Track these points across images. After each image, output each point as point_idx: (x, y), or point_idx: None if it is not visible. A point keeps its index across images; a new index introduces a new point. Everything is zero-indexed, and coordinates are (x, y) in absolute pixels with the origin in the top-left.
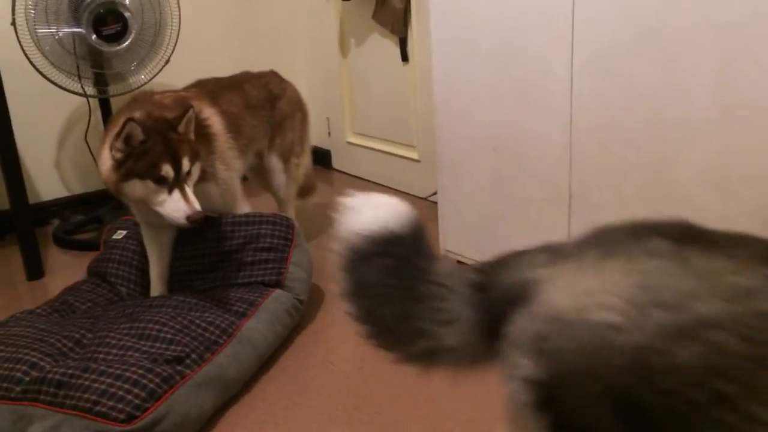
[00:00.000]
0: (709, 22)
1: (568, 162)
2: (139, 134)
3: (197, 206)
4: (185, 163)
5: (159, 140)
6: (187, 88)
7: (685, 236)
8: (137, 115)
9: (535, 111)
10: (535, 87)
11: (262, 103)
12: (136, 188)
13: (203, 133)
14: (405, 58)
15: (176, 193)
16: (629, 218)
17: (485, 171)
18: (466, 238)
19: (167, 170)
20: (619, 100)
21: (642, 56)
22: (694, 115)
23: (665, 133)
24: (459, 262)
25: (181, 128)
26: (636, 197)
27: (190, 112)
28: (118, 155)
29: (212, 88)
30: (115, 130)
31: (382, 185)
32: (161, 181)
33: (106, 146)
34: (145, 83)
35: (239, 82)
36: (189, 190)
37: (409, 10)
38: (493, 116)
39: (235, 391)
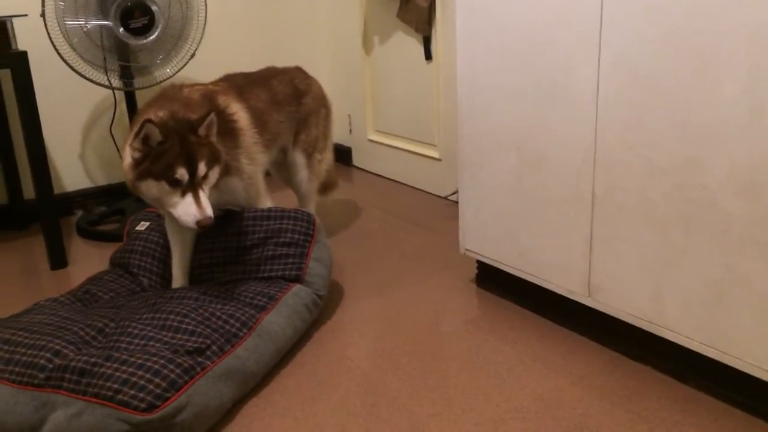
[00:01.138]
0: (740, 24)
1: (592, 163)
2: (157, 135)
3: (208, 212)
4: (201, 167)
5: (177, 142)
6: (215, 83)
7: None
8: (160, 114)
9: (560, 111)
10: (561, 87)
11: (288, 99)
12: (151, 188)
13: (229, 127)
14: (429, 56)
15: (189, 197)
16: (653, 221)
17: (507, 171)
18: (486, 238)
19: (182, 173)
20: (645, 101)
21: (670, 57)
22: (723, 118)
23: (693, 136)
24: (479, 261)
25: (201, 131)
26: (660, 200)
27: (212, 115)
28: (137, 154)
29: (240, 83)
30: (137, 128)
31: (403, 183)
32: (175, 184)
33: (128, 143)
34: (170, 77)
35: (266, 78)
36: (203, 195)
37: (434, 9)
38: (517, 116)
39: (253, 384)
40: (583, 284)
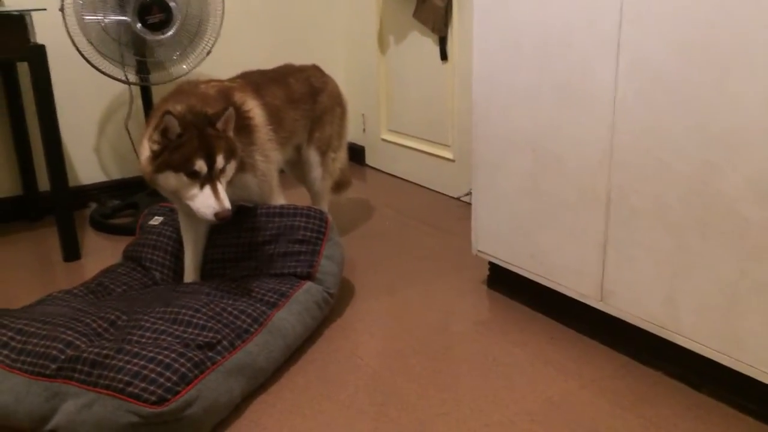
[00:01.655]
0: (764, 29)
1: (608, 166)
2: (176, 127)
3: (227, 204)
4: (219, 160)
5: (195, 135)
6: (232, 79)
7: None
8: (178, 108)
9: (577, 113)
10: (578, 89)
11: (304, 97)
12: (169, 180)
13: (245, 124)
14: (444, 56)
15: (207, 189)
16: (669, 225)
17: (522, 172)
18: (499, 240)
19: (201, 165)
20: (664, 104)
21: (691, 60)
22: (744, 124)
23: (712, 141)
24: (491, 263)
25: (219, 125)
26: (677, 205)
27: (230, 110)
28: (155, 147)
29: (257, 80)
30: (155, 121)
31: (416, 183)
32: (194, 176)
33: (146, 136)
34: (187, 73)
35: (283, 75)
36: (221, 187)
37: (451, 9)
38: (533, 117)
39: (263, 380)
40: (596, 288)
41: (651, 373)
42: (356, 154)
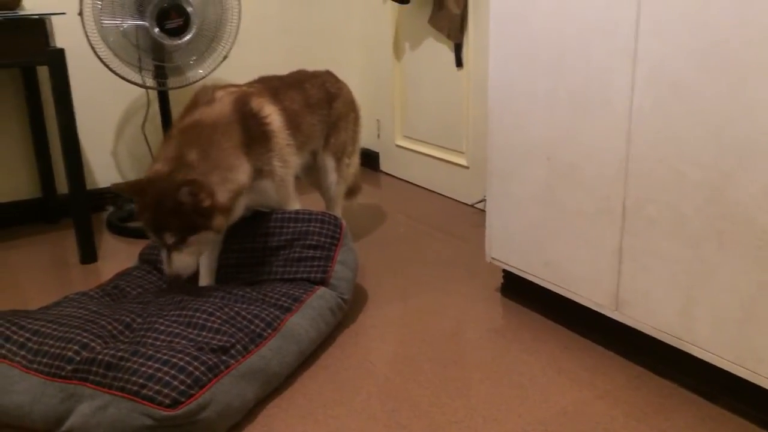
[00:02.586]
0: None
1: (624, 175)
2: (125, 194)
3: (176, 271)
4: (167, 237)
5: (150, 205)
6: (249, 84)
7: None
8: (157, 167)
9: (593, 122)
10: (594, 97)
11: (320, 103)
12: None
13: (263, 130)
14: (459, 63)
15: (164, 253)
16: (685, 236)
17: (537, 180)
18: (513, 247)
19: (152, 236)
20: (681, 114)
21: (708, 69)
22: (761, 133)
23: (729, 151)
24: (505, 271)
25: (183, 197)
26: (693, 215)
27: (196, 185)
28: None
29: (274, 85)
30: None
31: (429, 190)
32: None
33: None
34: (203, 77)
35: (300, 81)
36: (177, 255)
37: (466, 16)
38: (548, 126)
39: (276, 385)
40: (611, 297)
41: (666, 384)
42: (371, 159)
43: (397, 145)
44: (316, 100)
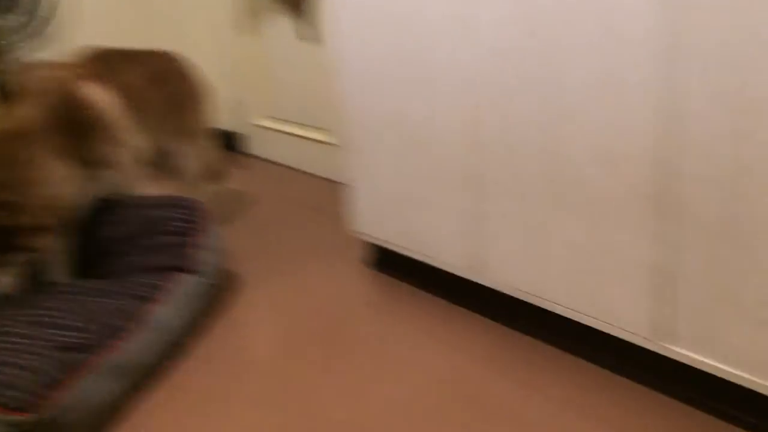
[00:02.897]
0: None
1: (471, 141)
2: None
3: None
4: None
5: None
6: (79, 63)
7: None
8: None
9: (433, 94)
10: (433, 63)
11: (160, 82)
12: None
13: (91, 118)
14: (308, 37)
15: None
16: (524, 198)
17: (391, 151)
18: (378, 221)
19: None
20: (516, 81)
21: (533, 34)
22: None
23: (560, 119)
24: (374, 245)
25: None
26: (535, 182)
27: None
28: None
29: (108, 65)
30: None
31: (300, 170)
32: None
33: None
34: (33, 58)
35: (139, 61)
36: None
37: None
38: (394, 97)
39: (147, 379)
40: (472, 261)
41: (535, 342)
42: (237, 142)
43: (263, 126)
44: (158, 81)
